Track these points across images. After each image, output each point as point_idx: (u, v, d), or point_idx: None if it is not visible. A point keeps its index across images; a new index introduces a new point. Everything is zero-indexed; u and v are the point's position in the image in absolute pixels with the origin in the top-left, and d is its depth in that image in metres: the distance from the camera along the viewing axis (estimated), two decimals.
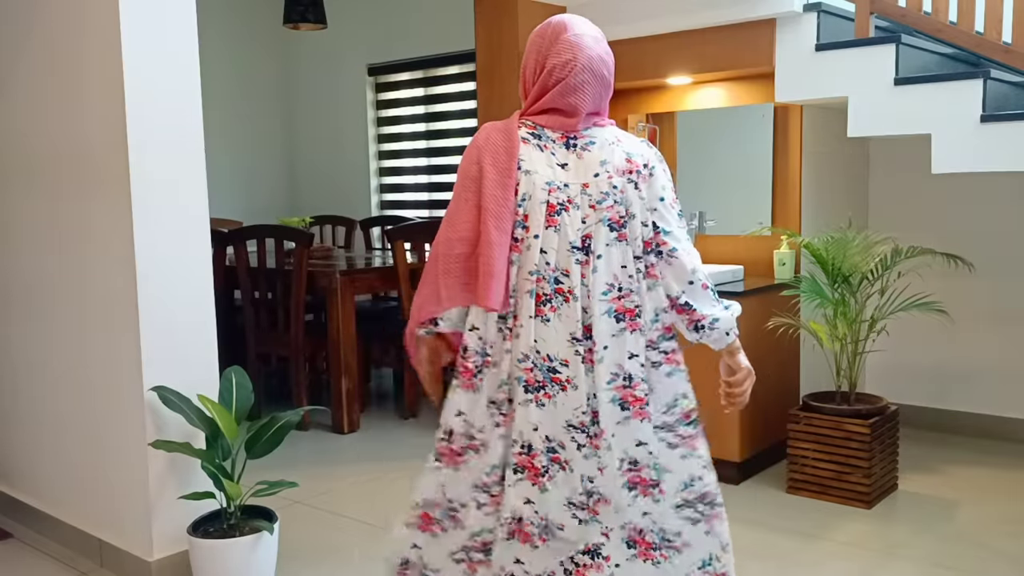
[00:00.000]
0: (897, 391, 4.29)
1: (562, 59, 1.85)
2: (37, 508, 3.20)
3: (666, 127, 4.26)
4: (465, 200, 1.87)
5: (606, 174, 1.88)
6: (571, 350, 1.85)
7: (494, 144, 1.86)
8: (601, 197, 1.86)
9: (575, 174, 1.87)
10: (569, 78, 1.85)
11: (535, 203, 1.84)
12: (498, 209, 1.82)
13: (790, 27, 3.59)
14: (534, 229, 1.84)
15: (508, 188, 1.83)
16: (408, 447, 4.17)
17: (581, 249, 1.85)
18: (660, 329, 1.95)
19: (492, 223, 1.81)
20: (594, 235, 1.86)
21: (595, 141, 1.91)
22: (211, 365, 2.82)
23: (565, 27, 1.89)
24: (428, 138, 6.18)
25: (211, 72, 5.91)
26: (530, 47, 1.93)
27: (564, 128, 1.89)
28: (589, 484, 1.92)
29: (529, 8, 3.94)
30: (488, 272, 1.81)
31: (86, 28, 2.69)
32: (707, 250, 4.09)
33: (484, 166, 1.85)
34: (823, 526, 3.12)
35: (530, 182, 1.84)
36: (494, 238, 1.81)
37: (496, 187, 1.82)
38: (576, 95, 1.86)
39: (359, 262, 4.85)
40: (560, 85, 1.85)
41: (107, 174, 2.68)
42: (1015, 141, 3.12)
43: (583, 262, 1.86)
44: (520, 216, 1.84)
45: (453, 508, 1.96)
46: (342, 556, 2.98)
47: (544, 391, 1.87)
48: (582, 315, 1.86)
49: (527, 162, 1.85)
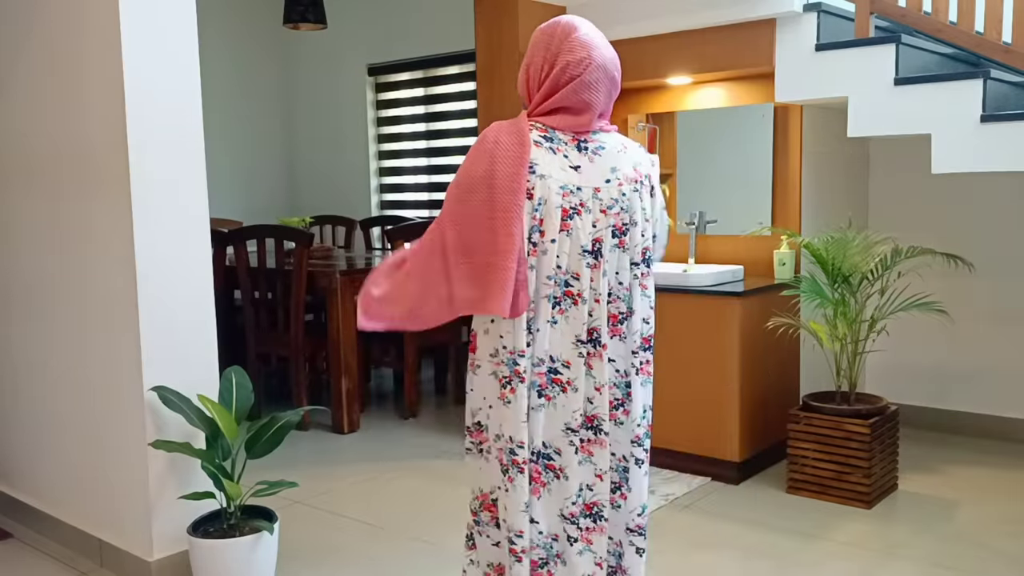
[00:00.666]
0: (897, 391, 4.29)
1: (576, 56, 1.84)
2: (37, 508, 3.20)
3: (666, 127, 4.26)
4: (465, 203, 1.82)
5: (616, 181, 1.88)
6: (575, 352, 1.87)
7: (505, 148, 1.81)
8: (611, 203, 1.87)
9: (587, 177, 1.86)
10: (585, 75, 1.84)
11: (551, 207, 1.82)
12: (508, 216, 1.78)
13: (790, 27, 3.59)
14: (550, 233, 1.83)
15: (518, 194, 1.79)
16: (408, 447, 4.17)
17: (591, 253, 1.86)
18: (641, 339, 1.97)
19: (502, 230, 1.78)
20: (603, 239, 1.87)
21: (605, 146, 1.90)
22: (211, 365, 2.82)
23: (575, 27, 1.88)
24: (428, 138, 6.18)
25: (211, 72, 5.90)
26: (535, 46, 1.90)
27: (575, 128, 1.87)
28: (589, 493, 1.94)
29: (529, 8, 3.94)
30: (505, 279, 1.78)
31: (86, 28, 2.69)
32: (707, 250, 4.09)
33: (495, 169, 1.80)
34: (823, 526, 3.12)
35: (545, 186, 1.82)
36: (504, 245, 1.78)
37: (506, 193, 1.79)
38: (590, 92, 1.85)
39: (359, 262, 4.85)
40: (575, 82, 1.84)
41: (107, 174, 2.68)
42: (1015, 141, 3.12)
43: (593, 266, 1.86)
44: (536, 221, 1.82)
45: None
46: (342, 556, 2.98)
47: (545, 393, 1.88)
48: (587, 318, 1.87)
49: (540, 166, 1.82)
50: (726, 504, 3.35)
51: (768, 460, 3.72)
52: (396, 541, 3.07)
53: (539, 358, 1.86)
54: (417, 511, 3.34)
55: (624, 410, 1.96)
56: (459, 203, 1.84)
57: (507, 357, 1.85)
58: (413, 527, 3.18)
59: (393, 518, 3.28)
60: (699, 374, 3.57)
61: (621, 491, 2.00)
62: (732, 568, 2.81)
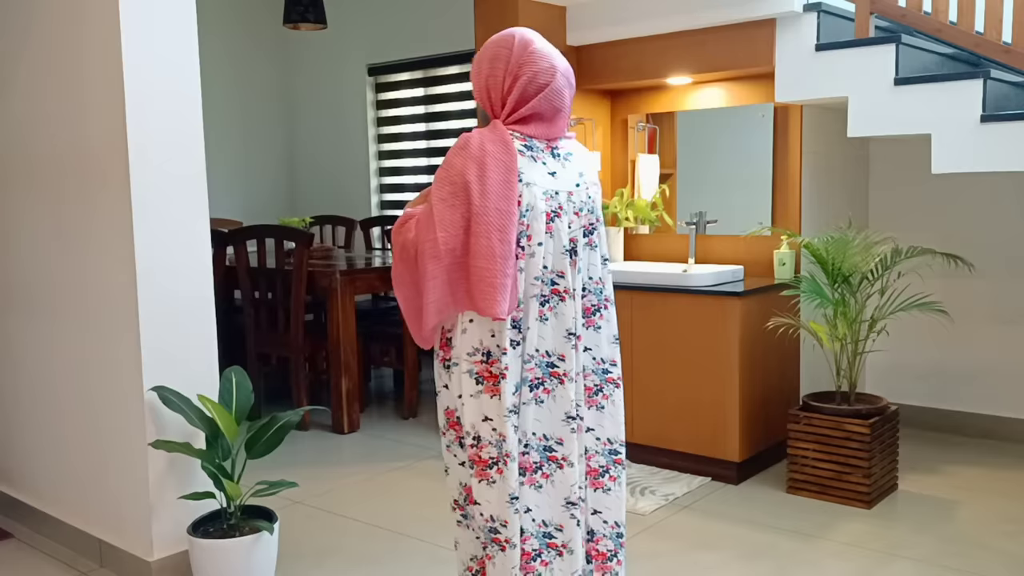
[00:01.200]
0: (897, 391, 4.29)
1: (541, 66, 1.95)
2: (37, 508, 3.20)
3: (666, 127, 4.26)
4: (453, 207, 1.88)
5: (584, 185, 2.05)
6: (568, 345, 1.99)
7: (494, 157, 1.89)
8: (581, 205, 2.02)
9: (562, 182, 2.00)
10: (553, 82, 1.95)
11: (537, 213, 1.93)
12: (503, 222, 1.86)
13: (790, 27, 3.59)
14: (537, 237, 1.94)
15: (512, 201, 1.88)
16: (408, 447, 4.17)
17: (570, 252, 2.00)
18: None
19: (497, 236, 1.86)
20: (577, 239, 2.01)
21: (572, 153, 2.06)
22: (211, 365, 2.82)
23: (531, 39, 1.98)
24: (428, 138, 6.18)
25: (211, 72, 5.91)
26: (493, 60, 1.97)
27: (548, 135, 1.99)
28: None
29: (529, 8, 3.94)
30: (492, 284, 1.86)
31: (86, 29, 2.68)
32: (707, 250, 4.10)
33: (485, 176, 1.87)
34: (823, 526, 3.12)
35: (531, 193, 1.93)
36: (500, 251, 1.86)
37: (500, 200, 1.87)
38: (560, 99, 1.98)
39: (359, 262, 4.85)
40: (547, 90, 1.95)
41: (107, 174, 2.68)
42: (1015, 141, 3.12)
43: (572, 263, 2.00)
44: (524, 227, 1.92)
45: None
46: (342, 556, 2.98)
47: (543, 387, 1.97)
48: (576, 312, 2.01)
49: (526, 174, 1.93)
50: (726, 504, 3.35)
51: (768, 460, 3.72)
52: (396, 541, 3.08)
53: (529, 354, 1.95)
54: (417, 511, 3.34)
55: (604, 395, 2.09)
56: (442, 205, 1.89)
57: (496, 352, 1.92)
58: (413, 527, 3.18)
59: (393, 518, 3.28)
60: (699, 374, 3.57)
61: (610, 473, 2.09)
62: (732, 568, 2.81)
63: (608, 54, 4.10)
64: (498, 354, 1.92)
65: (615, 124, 4.39)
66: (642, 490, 3.46)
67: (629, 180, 4.34)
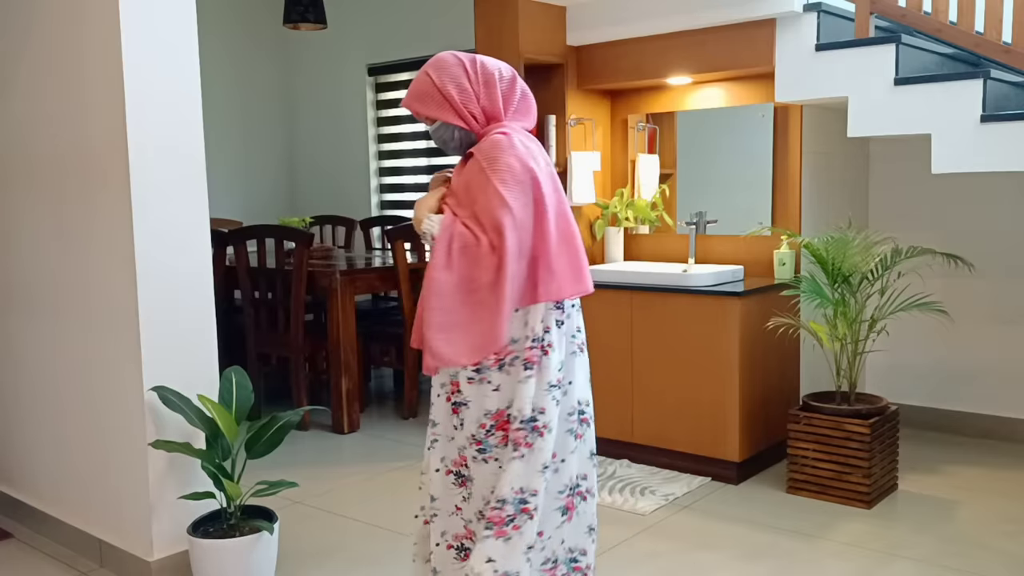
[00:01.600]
0: (897, 391, 4.29)
1: (503, 74, 2.09)
2: (37, 508, 3.20)
3: (666, 127, 4.26)
4: (526, 205, 1.99)
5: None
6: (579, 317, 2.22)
7: (533, 152, 2.05)
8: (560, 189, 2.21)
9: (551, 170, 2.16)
10: (520, 83, 2.12)
11: None
12: (564, 208, 2.07)
13: (790, 27, 3.59)
14: None
15: (560, 186, 2.10)
16: (408, 447, 4.17)
17: None
18: None
19: (569, 218, 2.07)
20: None
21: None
22: (211, 365, 2.82)
23: (472, 56, 2.09)
24: (428, 138, 6.18)
25: (211, 72, 5.90)
26: (454, 78, 2.06)
27: (531, 129, 2.17)
28: None
29: (529, 8, 3.94)
30: (584, 262, 2.07)
31: (86, 29, 2.69)
32: (707, 250, 4.10)
33: (539, 169, 2.03)
34: (823, 526, 3.12)
35: None
36: (577, 231, 2.08)
37: (557, 188, 2.07)
38: (532, 96, 2.17)
39: (359, 262, 4.85)
40: (522, 88, 2.12)
41: (107, 174, 2.68)
42: (1015, 141, 3.12)
43: None
44: None
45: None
46: (342, 556, 2.98)
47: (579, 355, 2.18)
48: None
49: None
50: (726, 504, 3.35)
51: (768, 460, 3.72)
52: (396, 541, 3.07)
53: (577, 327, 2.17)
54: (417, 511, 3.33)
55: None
56: (524, 208, 1.99)
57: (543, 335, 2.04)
58: (413, 527, 3.18)
59: (393, 518, 3.28)
60: (699, 374, 3.57)
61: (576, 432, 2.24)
62: (732, 568, 2.81)
63: (608, 54, 4.10)
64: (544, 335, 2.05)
65: (615, 124, 4.39)
66: (642, 490, 3.46)
67: (629, 180, 4.34)
